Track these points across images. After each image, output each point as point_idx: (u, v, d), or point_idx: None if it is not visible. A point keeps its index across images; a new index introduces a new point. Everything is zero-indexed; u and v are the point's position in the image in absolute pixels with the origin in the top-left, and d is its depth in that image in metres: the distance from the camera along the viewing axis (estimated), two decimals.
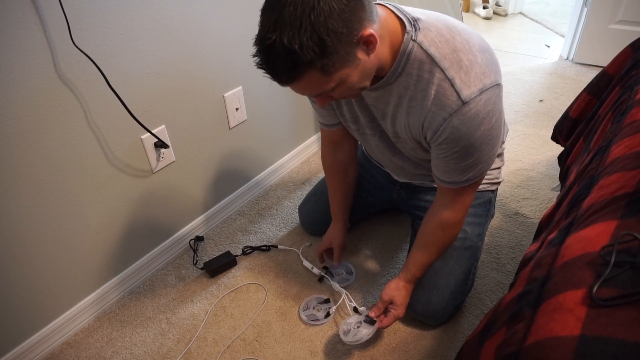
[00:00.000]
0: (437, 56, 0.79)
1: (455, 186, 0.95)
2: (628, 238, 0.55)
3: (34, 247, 1.09)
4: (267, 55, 0.69)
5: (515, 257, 1.38)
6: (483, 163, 0.90)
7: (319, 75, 0.71)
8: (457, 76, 0.79)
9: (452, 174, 0.93)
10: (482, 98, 0.79)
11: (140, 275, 1.38)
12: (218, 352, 1.16)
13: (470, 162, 0.88)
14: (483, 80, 0.79)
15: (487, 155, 0.89)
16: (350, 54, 0.71)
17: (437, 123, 0.83)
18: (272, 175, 1.79)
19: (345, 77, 0.74)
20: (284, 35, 0.65)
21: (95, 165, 1.15)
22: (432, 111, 0.83)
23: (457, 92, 0.79)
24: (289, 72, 0.70)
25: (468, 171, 0.91)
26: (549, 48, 2.95)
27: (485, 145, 0.86)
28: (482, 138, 0.84)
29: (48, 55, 0.96)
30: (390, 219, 1.55)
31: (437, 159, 0.92)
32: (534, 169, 1.77)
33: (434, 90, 0.80)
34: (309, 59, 0.67)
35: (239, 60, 1.43)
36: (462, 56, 0.79)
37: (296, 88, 0.76)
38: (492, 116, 0.82)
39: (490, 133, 0.84)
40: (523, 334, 0.55)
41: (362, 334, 1.07)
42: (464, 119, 0.80)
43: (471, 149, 0.85)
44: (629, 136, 0.80)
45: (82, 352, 1.19)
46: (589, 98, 1.29)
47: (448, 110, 0.80)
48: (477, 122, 0.81)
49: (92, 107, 1.09)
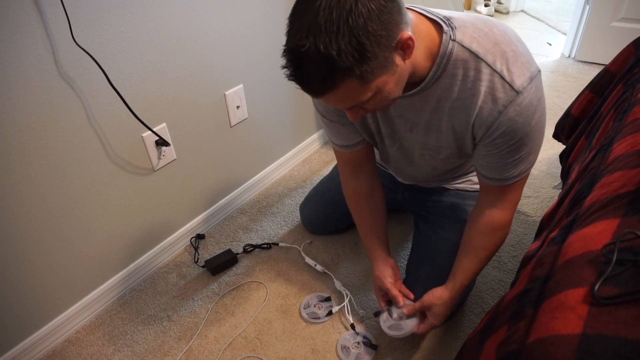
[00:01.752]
0: (480, 52, 0.76)
1: (505, 182, 0.89)
2: (630, 236, 0.55)
3: (36, 245, 1.09)
4: (300, 64, 0.64)
5: (517, 256, 1.37)
6: (535, 152, 0.86)
7: (356, 83, 0.66)
8: (505, 68, 0.76)
9: (504, 169, 0.87)
10: (532, 86, 0.77)
11: (141, 273, 1.38)
12: (219, 350, 1.16)
13: (524, 153, 0.84)
14: (530, 69, 0.77)
15: (538, 144, 0.85)
16: (389, 59, 0.67)
17: (492, 118, 0.79)
18: (273, 173, 1.79)
19: (383, 85, 0.70)
20: (320, 40, 0.60)
21: (97, 164, 1.15)
22: (483, 108, 0.79)
23: (510, 84, 0.76)
24: (324, 81, 0.65)
25: (521, 164, 0.86)
26: (550, 46, 2.94)
27: (539, 132, 0.82)
28: (537, 126, 0.80)
29: (49, 53, 0.96)
30: (392, 218, 1.54)
31: (489, 156, 0.86)
32: (536, 167, 1.76)
33: (484, 86, 0.77)
34: (348, 66, 0.62)
35: (240, 58, 1.43)
36: (505, 48, 0.76)
37: (330, 99, 0.70)
38: (543, 102, 0.80)
39: (542, 119, 0.81)
40: (524, 332, 0.55)
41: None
42: (520, 109, 0.77)
43: (527, 139, 0.81)
44: (631, 134, 0.80)
45: (84, 350, 1.19)
46: (591, 96, 1.28)
47: (502, 102, 0.77)
48: (532, 110, 0.78)
49: (93, 105, 1.08)
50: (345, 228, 1.50)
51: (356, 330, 1.18)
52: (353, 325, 1.18)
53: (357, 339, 1.16)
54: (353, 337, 1.17)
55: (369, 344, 1.14)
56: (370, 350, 1.13)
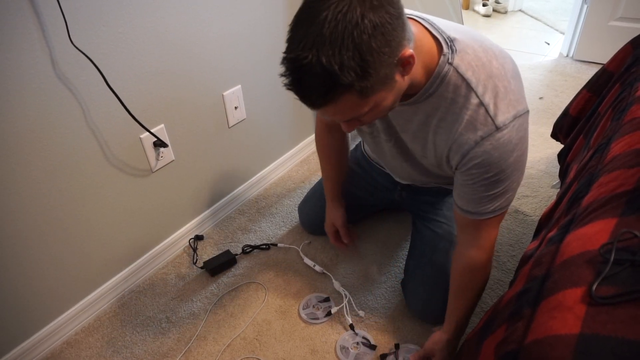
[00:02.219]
0: (473, 81, 0.76)
1: (479, 217, 0.88)
2: (628, 236, 0.55)
3: (34, 247, 1.08)
4: (300, 75, 0.63)
5: (515, 255, 1.38)
6: (512, 191, 0.86)
7: (355, 98, 0.66)
8: (492, 102, 0.76)
9: (479, 202, 0.87)
10: (516, 124, 0.77)
11: (140, 275, 1.38)
12: (218, 351, 1.16)
13: (500, 190, 0.84)
14: (517, 107, 0.77)
15: (516, 183, 0.85)
16: (389, 76, 0.67)
17: (468, 146, 0.79)
18: (271, 174, 1.79)
19: (381, 100, 0.70)
20: (322, 54, 0.59)
21: (95, 165, 1.14)
22: (462, 134, 0.79)
23: (492, 118, 0.76)
24: (324, 95, 0.64)
25: (496, 200, 0.86)
26: (548, 45, 2.95)
27: (516, 171, 0.83)
28: (515, 164, 0.81)
29: (46, 54, 0.96)
30: (390, 217, 1.55)
31: (464, 186, 0.87)
32: (534, 167, 1.76)
33: (467, 115, 0.78)
34: (349, 82, 0.62)
35: (238, 59, 1.43)
36: (498, 83, 0.77)
37: (327, 111, 0.70)
38: (524, 143, 0.80)
39: (521, 160, 0.82)
40: (523, 332, 0.55)
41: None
42: (497, 145, 0.77)
43: (503, 176, 0.82)
44: (629, 133, 0.80)
45: (83, 352, 1.19)
46: (589, 95, 1.28)
47: (480, 134, 0.77)
48: (510, 148, 0.78)
49: (91, 106, 1.08)
50: None
51: (355, 330, 1.18)
52: (352, 326, 1.18)
53: (356, 340, 1.16)
54: (352, 338, 1.17)
55: (368, 345, 1.14)
56: (369, 351, 1.13)
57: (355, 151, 1.42)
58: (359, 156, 1.40)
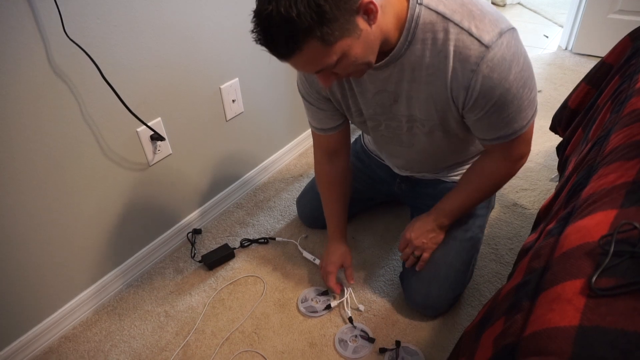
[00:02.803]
0: (447, 12, 0.77)
1: (505, 140, 0.89)
2: (627, 227, 0.54)
3: (31, 242, 1.08)
4: (264, 27, 0.68)
5: (514, 248, 1.38)
6: (526, 109, 0.85)
7: (319, 45, 0.69)
8: (473, 24, 0.76)
9: (497, 129, 0.87)
10: (503, 41, 0.77)
11: (138, 269, 1.37)
12: (216, 345, 1.16)
13: (513, 111, 0.84)
14: (499, 25, 0.77)
15: (527, 100, 0.84)
16: (350, 22, 0.70)
17: (467, 78, 0.79)
18: (269, 168, 1.78)
19: (348, 49, 0.72)
20: (281, 4, 0.65)
21: (91, 159, 1.14)
22: (456, 69, 0.79)
23: (478, 39, 0.76)
24: (287, 43, 0.69)
25: (513, 122, 0.86)
26: (547, 38, 2.94)
27: (522, 88, 0.82)
28: (517, 82, 0.80)
29: (41, 47, 0.95)
30: (388, 211, 1.55)
31: (477, 120, 0.87)
32: (532, 160, 1.76)
33: (452, 45, 0.78)
34: (307, 26, 0.66)
35: (235, 52, 1.42)
36: (471, 7, 0.77)
37: (297, 62, 0.74)
38: (519, 57, 0.79)
39: (523, 75, 0.81)
40: (521, 324, 0.54)
41: (361, 353, 1.11)
42: (493, 65, 0.77)
43: (509, 96, 0.81)
44: (629, 125, 0.79)
45: (81, 346, 1.19)
46: (588, 88, 1.28)
47: (473, 59, 0.77)
48: (507, 65, 0.78)
49: (87, 99, 1.07)
50: None
51: (354, 323, 1.18)
52: (351, 319, 1.18)
53: (355, 333, 1.16)
54: (351, 331, 1.17)
55: (367, 338, 1.14)
56: (367, 344, 1.13)
57: (355, 144, 1.42)
58: (358, 149, 1.39)
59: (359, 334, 1.15)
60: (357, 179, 1.37)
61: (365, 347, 1.13)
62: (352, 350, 1.12)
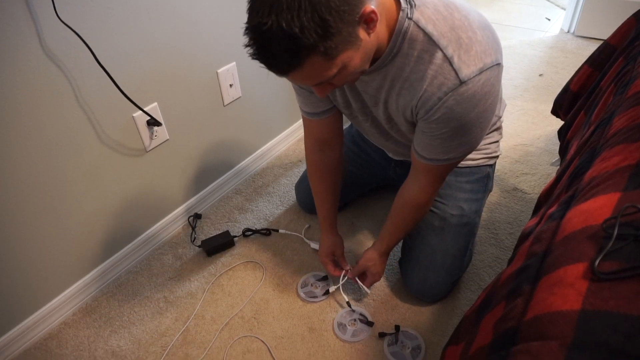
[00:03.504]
0: (434, 34, 0.74)
1: (433, 164, 0.91)
2: (631, 210, 0.53)
3: (29, 228, 1.07)
4: (263, 42, 0.63)
5: (514, 233, 1.37)
6: (468, 145, 0.87)
7: (321, 60, 0.66)
8: (456, 55, 0.74)
9: (434, 151, 0.88)
10: (482, 78, 0.75)
11: (137, 255, 1.37)
12: (216, 330, 1.16)
13: (457, 143, 0.85)
14: (483, 59, 0.75)
15: (474, 138, 0.85)
16: (353, 34, 0.66)
17: (432, 102, 0.79)
18: (268, 153, 1.77)
19: (348, 60, 0.69)
20: (282, 18, 0.59)
21: (87, 145, 1.12)
22: (427, 91, 0.78)
23: (456, 71, 0.74)
24: (290, 60, 0.64)
25: (451, 151, 0.87)
26: (549, 21, 2.90)
27: (476, 127, 0.82)
28: (475, 120, 0.80)
29: (32, 30, 0.93)
30: (386, 196, 1.54)
31: (423, 134, 0.87)
32: (533, 144, 1.75)
33: (432, 70, 0.76)
34: (311, 43, 0.62)
35: (233, 35, 1.39)
36: (461, 34, 0.74)
37: (296, 77, 0.70)
38: (489, 98, 0.78)
39: (483, 115, 0.81)
40: (522, 309, 0.54)
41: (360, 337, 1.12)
42: (460, 100, 0.76)
43: (461, 131, 0.82)
44: (633, 107, 0.78)
45: (81, 332, 1.19)
46: (591, 70, 1.26)
47: (444, 89, 0.76)
48: (473, 103, 0.77)
49: (82, 84, 1.06)
50: (341, 207, 1.49)
51: (352, 307, 1.18)
52: (349, 303, 1.18)
53: (354, 317, 1.16)
54: (349, 315, 1.17)
55: (366, 321, 1.14)
56: (366, 327, 1.13)
57: (351, 128, 1.41)
58: (354, 133, 1.38)
59: (358, 318, 1.15)
60: (353, 162, 1.36)
61: (364, 330, 1.13)
62: (351, 333, 1.12)
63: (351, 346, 1.10)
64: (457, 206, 1.14)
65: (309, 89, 1.00)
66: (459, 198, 1.15)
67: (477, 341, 0.60)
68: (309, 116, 1.07)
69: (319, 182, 1.18)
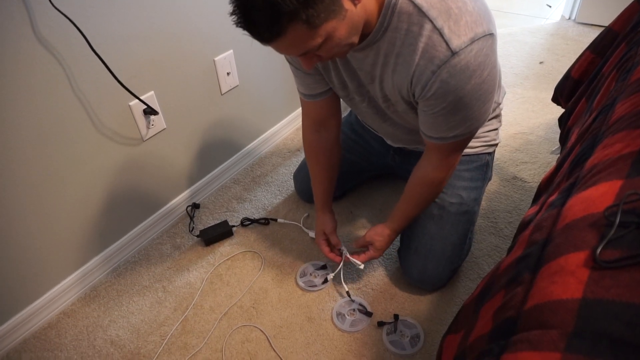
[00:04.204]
0: (424, 6, 0.73)
1: (442, 142, 0.90)
2: (634, 198, 0.53)
3: (27, 217, 1.06)
4: (245, 10, 0.65)
5: (513, 222, 1.37)
6: (472, 120, 0.85)
7: (304, 29, 0.66)
8: (446, 25, 0.73)
9: (439, 129, 0.88)
10: (473, 48, 0.74)
11: (135, 245, 1.37)
12: (215, 320, 1.16)
13: (459, 118, 0.83)
14: (474, 29, 0.73)
15: (477, 112, 0.84)
16: (336, 2, 0.66)
17: (426, 77, 0.78)
18: (266, 142, 1.75)
19: (333, 30, 0.69)
20: None
21: (83, 134, 1.11)
22: (420, 65, 0.77)
23: (446, 42, 0.73)
24: (271, 27, 0.65)
25: (456, 128, 0.86)
26: (550, 8, 2.87)
27: (476, 100, 0.80)
28: (472, 93, 0.79)
29: (25, 16, 0.91)
30: (386, 185, 1.53)
31: (425, 114, 0.87)
32: (533, 133, 1.74)
33: (422, 43, 0.75)
34: (292, 9, 0.62)
35: (230, 23, 1.35)
36: (451, 4, 0.73)
37: (280, 46, 0.70)
38: (484, 69, 0.77)
39: (482, 88, 0.79)
40: (522, 297, 0.53)
41: (359, 327, 1.12)
42: (453, 72, 0.75)
43: (460, 105, 0.80)
44: (635, 93, 0.76)
45: (80, 322, 1.19)
46: (592, 57, 1.24)
47: (437, 62, 0.75)
48: (467, 74, 0.75)
49: (76, 72, 1.04)
50: (339, 196, 1.48)
51: (352, 297, 1.18)
52: (349, 293, 1.18)
53: (353, 306, 1.16)
54: (348, 304, 1.17)
55: (364, 311, 1.14)
56: (365, 318, 1.13)
57: (349, 116, 1.39)
58: (352, 121, 1.37)
59: (357, 308, 1.15)
60: (351, 150, 1.35)
61: (362, 320, 1.13)
62: (349, 323, 1.12)
63: (350, 335, 1.10)
64: (456, 194, 1.13)
65: (303, 69, 0.99)
66: (458, 186, 1.14)
67: (477, 330, 0.60)
68: (306, 97, 1.07)
69: (315, 162, 1.18)
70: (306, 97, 1.07)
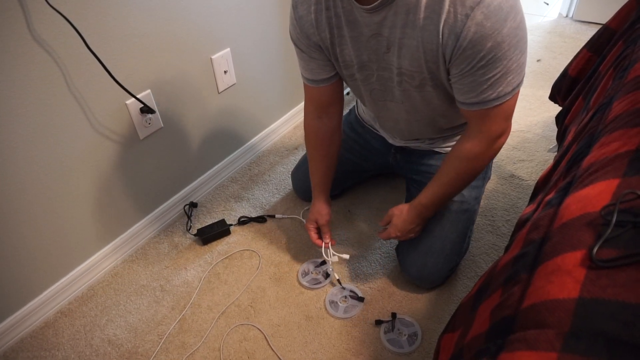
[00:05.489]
0: None
1: (483, 107, 0.84)
2: (631, 197, 0.53)
3: (23, 217, 1.06)
4: None
5: (510, 220, 1.37)
6: (514, 74, 0.80)
7: None
8: None
9: (480, 89, 0.82)
10: None
11: (132, 244, 1.36)
12: (213, 319, 1.16)
13: (499, 71, 0.79)
14: None
15: (516, 63, 0.79)
16: None
17: (460, 23, 0.75)
18: (264, 141, 1.75)
19: None
20: None
21: (80, 133, 1.10)
22: (450, 12, 0.74)
23: None
24: None
25: (496, 84, 0.81)
26: (547, 6, 2.87)
27: (514, 48, 0.77)
28: (510, 38, 0.75)
29: (20, 14, 0.90)
30: (384, 183, 1.53)
31: (461, 76, 0.82)
32: (530, 131, 1.74)
33: None
34: None
35: (227, 21, 1.37)
36: None
37: None
38: (516, 13, 0.75)
39: (518, 33, 0.76)
40: (519, 296, 0.53)
41: (353, 312, 1.13)
42: (488, 12, 0.72)
43: (499, 52, 0.76)
44: (632, 91, 0.76)
45: (77, 321, 1.19)
46: (589, 55, 1.24)
47: (469, 3, 0.72)
48: (503, 16, 0.73)
49: (72, 71, 1.03)
50: (337, 194, 1.48)
51: (342, 285, 1.19)
52: (339, 280, 1.20)
53: (344, 293, 1.18)
54: (340, 292, 1.18)
55: (356, 297, 1.16)
56: (357, 303, 1.15)
57: (349, 115, 1.39)
58: (352, 120, 1.36)
59: (349, 294, 1.16)
60: (351, 150, 1.34)
61: (355, 306, 1.14)
62: (342, 310, 1.13)
63: (347, 333, 1.10)
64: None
65: (309, 53, 0.98)
66: None
67: (474, 329, 0.60)
68: (310, 83, 1.06)
69: (314, 149, 1.18)
70: (309, 82, 1.06)
